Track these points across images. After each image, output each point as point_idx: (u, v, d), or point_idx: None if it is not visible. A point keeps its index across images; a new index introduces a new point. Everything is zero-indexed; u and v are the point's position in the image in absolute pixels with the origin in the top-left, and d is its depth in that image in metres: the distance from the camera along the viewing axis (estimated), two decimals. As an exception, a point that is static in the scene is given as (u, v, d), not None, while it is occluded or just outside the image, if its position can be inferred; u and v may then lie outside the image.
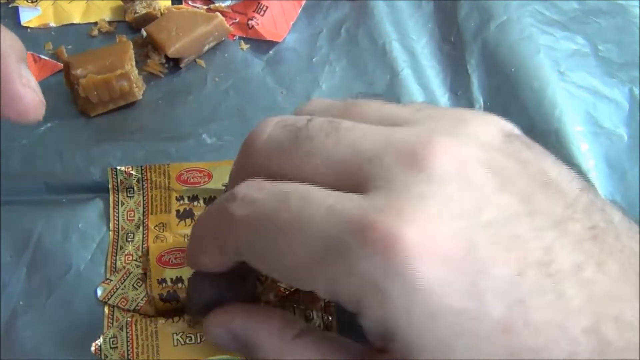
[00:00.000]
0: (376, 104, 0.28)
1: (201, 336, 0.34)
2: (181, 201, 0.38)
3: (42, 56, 0.45)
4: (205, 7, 0.48)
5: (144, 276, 0.36)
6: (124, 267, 0.36)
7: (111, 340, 0.34)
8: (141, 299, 0.35)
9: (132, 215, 0.38)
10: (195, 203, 0.38)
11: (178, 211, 0.38)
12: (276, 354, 0.26)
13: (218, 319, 0.28)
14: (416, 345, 0.21)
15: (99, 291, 0.36)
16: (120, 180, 0.39)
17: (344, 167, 0.24)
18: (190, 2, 0.48)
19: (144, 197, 0.38)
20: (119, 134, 0.42)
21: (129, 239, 0.37)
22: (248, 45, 0.47)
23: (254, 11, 0.47)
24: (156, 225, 0.38)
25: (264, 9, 0.47)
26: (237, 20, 0.47)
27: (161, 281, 0.35)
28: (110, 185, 0.39)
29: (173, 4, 0.48)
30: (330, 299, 0.24)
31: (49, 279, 0.36)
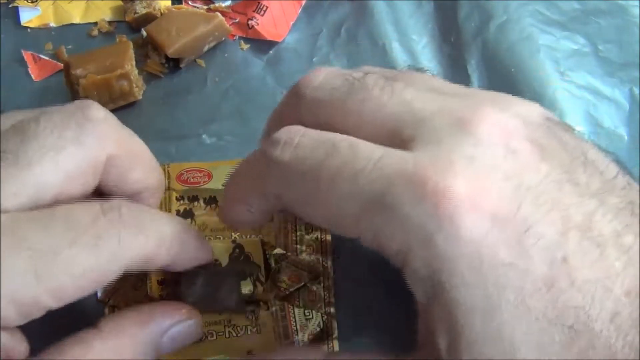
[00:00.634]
0: (426, 76, 0.28)
1: (201, 336, 0.34)
2: (181, 201, 0.38)
3: (42, 56, 0.45)
4: (205, 7, 0.48)
5: (145, 277, 0.35)
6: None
7: None
8: (141, 300, 0.35)
9: (132, 215, 0.38)
10: (195, 203, 0.38)
11: (178, 211, 0.38)
12: None
13: None
14: (462, 298, 0.21)
15: (99, 292, 0.36)
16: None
17: (394, 123, 0.25)
18: (190, 2, 0.48)
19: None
20: (119, 134, 0.42)
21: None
22: (248, 45, 0.47)
23: (254, 11, 0.47)
24: (156, 226, 0.38)
25: (264, 9, 0.47)
26: (237, 20, 0.47)
27: (161, 282, 0.35)
28: (110, 186, 0.39)
29: (173, 4, 0.48)
30: (376, 248, 0.24)
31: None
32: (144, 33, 0.45)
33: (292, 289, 0.35)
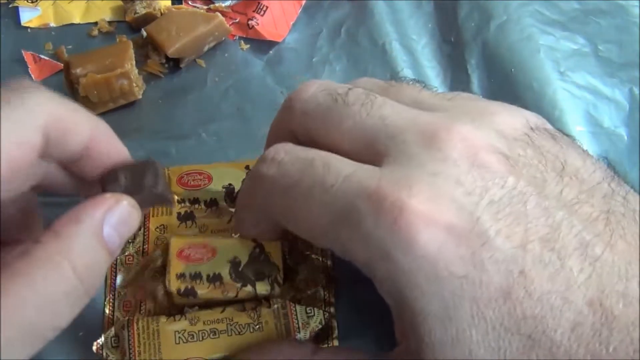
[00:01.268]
0: (414, 88, 0.30)
1: (203, 334, 0.34)
2: (182, 204, 0.38)
3: (42, 56, 0.45)
4: (205, 7, 0.48)
5: (163, 269, 0.35)
6: (144, 259, 0.36)
7: (112, 339, 0.34)
8: (158, 292, 0.35)
9: (133, 215, 0.38)
10: (196, 205, 0.38)
11: (179, 213, 0.38)
12: None
13: None
14: (422, 308, 0.23)
15: (119, 279, 0.36)
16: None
17: (369, 137, 0.26)
18: (190, 2, 0.48)
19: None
20: (119, 134, 0.42)
21: (130, 240, 0.37)
22: (248, 45, 0.47)
23: (254, 11, 0.47)
24: (157, 227, 0.38)
25: (264, 9, 0.47)
26: (237, 20, 0.47)
27: (180, 276, 0.35)
28: (110, 186, 0.39)
29: (173, 4, 0.48)
30: (345, 259, 0.25)
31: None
32: (144, 33, 0.45)
33: (310, 292, 0.35)
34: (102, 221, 0.25)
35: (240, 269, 0.35)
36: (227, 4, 0.48)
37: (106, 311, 0.36)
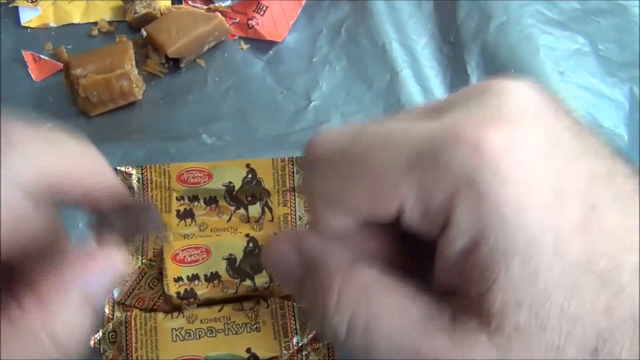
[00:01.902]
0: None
1: (200, 332, 0.34)
2: (181, 201, 0.38)
3: (42, 56, 0.45)
4: (205, 7, 0.48)
5: (160, 275, 0.36)
6: (139, 268, 0.36)
7: (110, 334, 0.34)
8: (158, 298, 0.35)
9: (132, 215, 0.38)
10: (195, 203, 0.38)
11: (178, 211, 0.38)
12: (345, 276, 0.24)
13: (291, 237, 0.26)
14: (504, 242, 0.22)
15: (115, 293, 0.36)
16: (121, 180, 0.39)
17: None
18: (190, 2, 0.48)
19: (144, 197, 0.38)
20: (119, 134, 0.42)
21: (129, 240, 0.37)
22: (248, 45, 0.47)
23: (254, 11, 0.47)
24: (156, 225, 0.38)
25: (264, 9, 0.47)
26: (237, 20, 0.47)
27: (177, 279, 0.35)
28: (110, 185, 0.39)
29: (173, 4, 0.48)
30: (419, 211, 0.23)
31: (49, 278, 0.36)
32: (144, 33, 0.45)
33: None
34: (92, 286, 0.24)
35: (237, 265, 0.35)
36: (227, 4, 0.48)
37: (106, 311, 0.35)
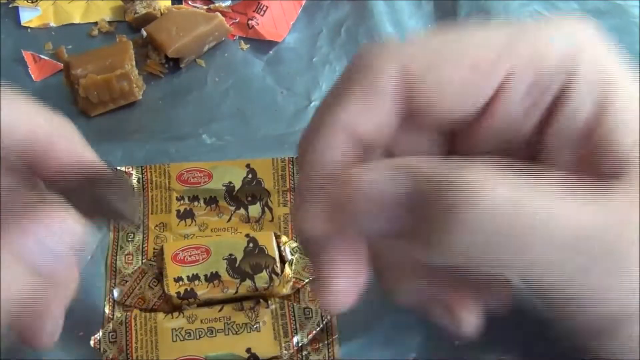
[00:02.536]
0: None
1: (200, 332, 0.34)
2: (181, 201, 0.38)
3: (42, 56, 0.45)
4: (205, 7, 0.48)
5: (160, 275, 0.36)
6: (139, 267, 0.36)
7: (110, 334, 0.34)
8: (158, 298, 0.35)
9: (132, 215, 0.38)
10: (195, 203, 0.38)
11: (178, 211, 0.38)
12: (495, 180, 0.20)
13: (394, 162, 0.22)
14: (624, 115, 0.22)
15: (116, 293, 0.36)
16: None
17: None
18: (190, 2, 0.48)
19: (144, 197, 0.39)
20: (119, 134, 0.42)
21: (129, 239, 0.37)
22: (248, 45, 0.47)
23: (254, 11, 0.47)
24: (156, 225, 0.38)
25: (264, 9, 0.47)
26: (237, 20, 0.47)
27: (178, 279, 0.35)
28: (110, 185, 0.39)
29: (173, 4, 0.48)
30: (528, 82, 0.23)
31: (49, 278, 0.36)
32: (144, 33, 0.45)
33: (308, 280, 0.35)
34: (29, 239, 0.22)
35: (237, 265, 0.35)
36: (227, 4, 0.48)
37: (106, 311, 0.36)
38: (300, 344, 0.34)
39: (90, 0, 0.48)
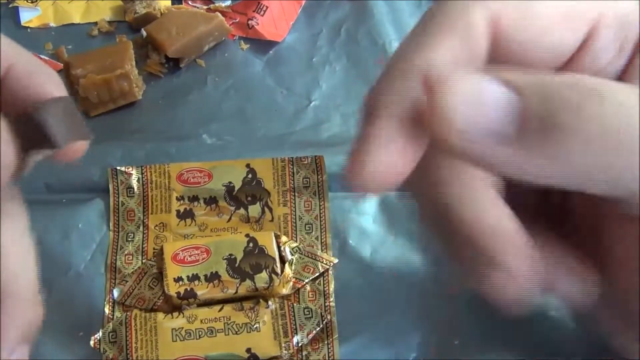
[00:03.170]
0: None
1: (200, 332, 0.34)
2: (181, 201, 0.38)
3: (42, 56, 0.45)
4: (205, 7, 0.48)
5: (160, 275, 0.36)
6: (139, 268, 0.36)
7: (110, 334, 0.34)
8: (158, 298, 0.35)
9: (132, 215, 0.38)
10: (195, 203, 0.38)
11: (178, 211, 0.38)
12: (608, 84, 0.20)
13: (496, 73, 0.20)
14: None
15: (116, 293, 0.36)
16: (121, 180, 0.39)
17: None
18: (190, 2, 0.48)
19: (144, 197, 0.39)
20: (119, 134, 0.42)
21: (129, 239, 0.37)
22: (248, 45, 0.47)
23: (254, 11, 0.47)
24: (156, 225, 0.38)
25: (264, 9, 0.47)
26: (237, 20, 0.47)
27: (178, 279, 0.35)
28: (110, 185, 0.39)
29: (173, 4, 0.48)
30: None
31: (49, 278, 0.36)
32: (144, 33, 0.45)
33: (307, 280, 0.35)
34: None
35: (236, 265, 0.35)
36: (227, 4, 0.48)
37: (106, 311, 0.36)
38: (300, 344, 0.34)
39: (90, 0, 0.48)
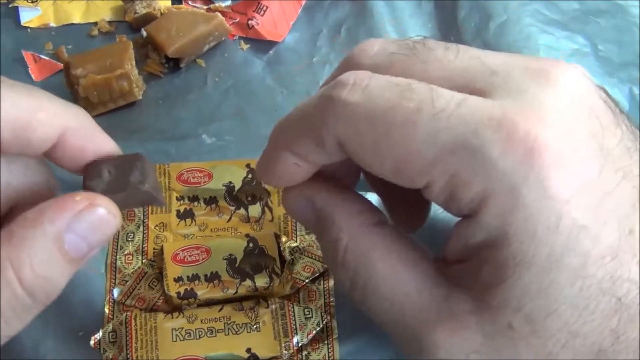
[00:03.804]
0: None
1: (200, 332, 0.34)
2: (181, 201, 0.38)
3: (42, 56, 0.45)
4: (205, 7, 0.48)
5: (160, 275, 0.36)
6: (139, 267, 0.36)
7: (110, 334, 0.34)
8: (158, 298, 0.35)
9: (132, 215, 0.38)
10: (195, 203, 0.38)
11: (178, 211, 0.38)
12: (351, 236, 0.25)
13: (304, 190, 0.27)
14: (524, 252, 0.21)
15: (116, 293, 0.36)
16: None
17: (464, 77, 0.23)
18: (190, 2, 0.48)
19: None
20: (119, 134, 0.42)
21: (129, 239, 0.37)
22: (248, 45, 0.47)
23: (254, 11, 0.47)
24: (156, 225, 0.38)
25: (264, 8, 0.47)
26: (237, 20, 0.47)
27: (178, 279, 0.35)
28: (110, 185, 0.39)
29: (173, 4, 0.48)
30: (443, 196, 0.22)
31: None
32: (144, 33, 0.45)
33: (308, 280, 0.35)
34: (64, 227, 0.23)
35: (237, 265, 0.35)
36: (227, 4, 0.48)
37: (106, 311, 0.36)
38: (300, 344, 0.34)
39: (90, 0, 0.48)
